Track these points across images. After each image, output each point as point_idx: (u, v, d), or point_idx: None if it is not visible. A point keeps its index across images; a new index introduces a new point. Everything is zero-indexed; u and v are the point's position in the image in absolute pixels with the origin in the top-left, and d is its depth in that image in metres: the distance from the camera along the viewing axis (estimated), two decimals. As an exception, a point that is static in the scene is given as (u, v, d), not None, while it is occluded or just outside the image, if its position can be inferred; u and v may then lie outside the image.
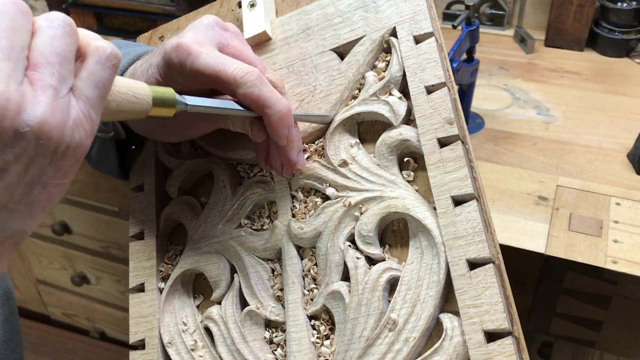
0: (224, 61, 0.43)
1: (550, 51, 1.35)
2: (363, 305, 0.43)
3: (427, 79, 0.46)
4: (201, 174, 0.56)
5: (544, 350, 0.96)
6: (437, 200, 0.43)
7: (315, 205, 0.49)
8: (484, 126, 1.10)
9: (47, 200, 0.32)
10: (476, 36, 1.02)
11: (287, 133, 0.45)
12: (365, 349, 0.42)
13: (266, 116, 0.44)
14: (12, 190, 0.30)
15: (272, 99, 0.44)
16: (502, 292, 0.40)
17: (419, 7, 0.48)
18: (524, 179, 0.95)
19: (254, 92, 0.43)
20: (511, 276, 0.43)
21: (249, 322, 0.48)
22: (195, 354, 0.49)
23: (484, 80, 1.24)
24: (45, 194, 0.32)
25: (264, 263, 0.50)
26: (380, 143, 0.47)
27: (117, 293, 1.43)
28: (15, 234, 0.31)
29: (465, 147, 0.44)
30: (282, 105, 0.44)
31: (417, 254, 0.43)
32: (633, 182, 0.93)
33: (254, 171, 0.53)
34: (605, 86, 1.20)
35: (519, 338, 0.39)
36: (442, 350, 0.40)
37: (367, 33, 0.50)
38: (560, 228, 0.85)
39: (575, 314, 0.89)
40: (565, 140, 1.05)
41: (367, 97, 0.49)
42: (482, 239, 0.41)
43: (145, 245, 0.54)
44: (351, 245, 0.46)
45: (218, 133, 0.54)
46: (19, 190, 0.30)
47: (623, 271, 0.78)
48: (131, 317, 0.52)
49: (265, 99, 0.44)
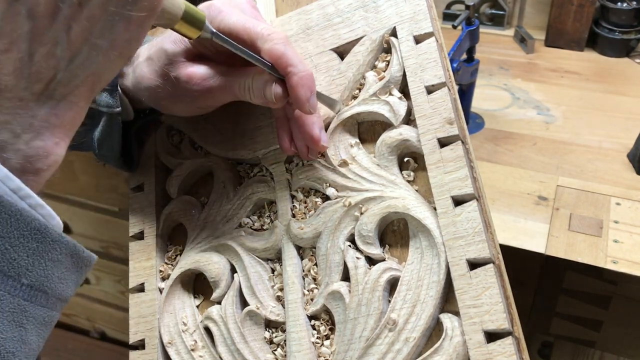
0: (253, 20, 0.45)
1: (550, 51, 1.35)
2: (363, 305, 0.43)
3: (427, 79, 0.46)
4: (201, 174, 0.56)
5: (544, 350, 0.96)
6: (437, 200, 0.43)
7: (315, 205, 0.49)
8: (484, 126, 1.10)
9: (127, 42, 0.32)
10: (476, 36, 1.02)
11: (309, 96, 0.44)
12: (366, 349, 0.42)
13: (289, 75, 0.44)
14: (95, 21, 0.30)
15: (296, 58, 0.44)
16: (502, 292, 0.40)
17: (419, 7, 0.48)
18: (524, 179, 0.95)
19: (279, 49, 0.43)
20: (511, 276, 0.43)
21: (249, 322, 0.48)
22: (195, 354, 0.49)
23: (484, 80, 1.25)
24: (127, 34, 0.32)
25: (264, 263, 0.50)
26: (380, 143, 0.47)
27: (117, 293, 1.43)
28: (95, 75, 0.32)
29: (466, 147, 0.44)
30: (305, 66, 0.44)
31: (417, 254, 0.43)
32: (633, 182, 0.93)
33: (253, 171, 0.53)
34: (605, 86, 1.20)
35: (519, 338, 0.39)
36: (442, 350, 0.40)
37: (367, 33, 0.50)
38: (560, 228, 0.85)
39: (575, 314, 0.89)
40: (565, 140, 1.05)
41: (367, 97, 0.49)
42: (482, 239, 0.41)
43: (145, 245, 0.54)
44: (351, 245, 0.46)
45: (218, 133, 0.54)
46: (102, 23, 0.31)
47: (623, 271, 0.78)
48: (131, 317, 0.52)
49: (289, 57, 0.44)
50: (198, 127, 0.55)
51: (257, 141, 0.52)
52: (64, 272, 0.32)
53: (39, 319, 0.31)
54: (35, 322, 0.30)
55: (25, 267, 0.29)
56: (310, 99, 0.44)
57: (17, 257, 0.29)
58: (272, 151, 0.51)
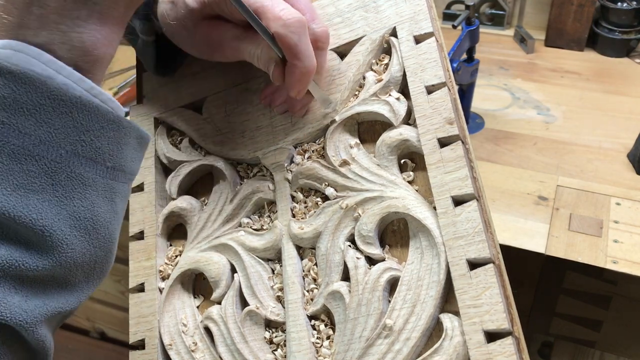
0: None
1: (550, 51, 1.35)
2: (363, 305, 0.43)
3: (427, 79, 0.46)
4: (201, 174, 0.56)
5: (544, 350, 0.96)
6: (437, 200, 0.43)
7: (315, 205, 0.49)
8: (484, 126, 1.10)
9: None
10: (476, 36, 1.02)
11: (301, 89, 0.46)
12: (366, 349, 0.42)
13: (292, 66, 0.45)
14: None
15: (305, 52, 0.44)
16: (502, 292, 0.40)
17: (419, 7, 0.48)
18: (524, 179, 0.95)
19: (293, 38, 0.44)
20: (511, 276, 0.43)
21: (249, 322, 0.48)
22: (195, 354, 0.49)
23: (484, 80, 1.25)
24: None
25: (264, 263, 0.50)
26: (380, 143, 0.47)
27: (117, 293, 1.43)
28: None
29: (466, 147, 0.44)
30: (310, 63, 0.45)
31: (417, 254, 0.43)
32: (633, 182, 0.93)
33: (253, 171, 0.53)
34: (605, 86, 1.20)
35: (519, 338, 0.39)
36: (442, 350, 0.40)
37: (367, 33, 0.50)
38: (560, 228, 0.85)
39: (575, 314, 0.89)
40: (565, 140, 1.05)
41: (367, 97, 0.49)
42: (482, 239, 0.41)
43: (145, 245, 0.54)
44: (351, 245, 0.46)
45: (218, 133, 0.54)
46: None
47: (623, 271, 0.78)
48: (131, 317, 0.52)
49: (299, 50, 0.44)
50: (198, 127, 0.55)
51: (257, 141, 0.52)
52: (133, 152, 0.37)
53: (122, 193, 0.36)
54: (120, 196, 0.36)
55: (108, 153, 0.34)
56: (302, 90, 0.47)
57: (101, 146, 0.34)
58: (272, 151, 0.51)
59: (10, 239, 0.31)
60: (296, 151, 0.51)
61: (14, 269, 0.30)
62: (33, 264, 0.31)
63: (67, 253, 0.32)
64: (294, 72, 0.45)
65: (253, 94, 0.54)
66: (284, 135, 0.51)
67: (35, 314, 0.32)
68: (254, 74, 0.54)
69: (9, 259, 0.30)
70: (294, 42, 0.44)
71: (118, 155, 0.35)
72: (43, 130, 0.31)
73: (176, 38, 0.51)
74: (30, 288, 0.32)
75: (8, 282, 0.31)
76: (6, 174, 0.30)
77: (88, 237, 0.33)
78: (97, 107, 0.33)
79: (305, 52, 0.44)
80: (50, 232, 0.31)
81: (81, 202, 0.33)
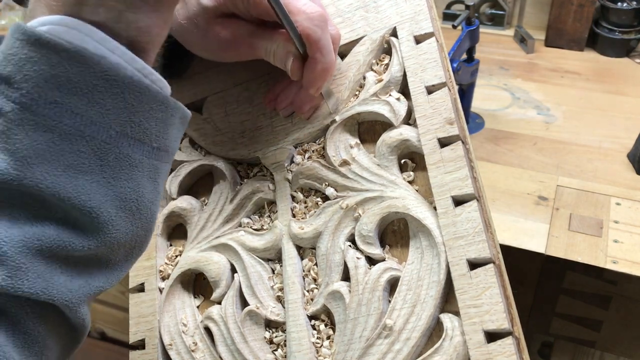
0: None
1: (550, 51, 1.35)
2: (363, 305, 0.43)
3: (428, 79, 0.46)
4: (201, 174, 0.56)
5: (544, 350, 0.96)
6: (437, 200, 0.43)
7: (315, 205, 0.49)
8: (484, 126, 1.10)
9: None
10: (476, 36, 1.02)
11: (320, 85, 0.47)
12: (366, 349, 0.42)
13: (313, 60, 0.45)
14: None
15: (328, 47, 0.45)
16: (502, 292, 0.40)
17: (419, 7, 0.48)
18: (524, 179, 0.95)
19: (317, 33, 0.44)
20: (511, 276, 0.43)
21: (249, 322, 0.48)
22: (195, 354, 0.49)
23: (484, 80, 1.25)
24: None
25: (264, 263, 0.50)
26: (380, 143, 0.47)
27: (117, 293, 1.43)
28: None
29: (466, 147, 0.44)
30: (332, 58, 0.45)
31: (417, 254, 0.43)
32: (633, 182, 0.93)
33: (253, 171, 0.53)
34: (605, 86, 1.20)
35: (519, 338, 0.39)
36: (442, 350, 0.40)
37: (368, 33, 0.50)
38: (560, 228, 0.85)
39: (575, 314, 0.89)
40: (565, 140, 1.05)
41: (368, 97, 0.49)
42: (482, 239, 0.41)
43: (145, 245, 0.54)
44: (351, 245, 0.46)
45: (218, 133, 0.54)
46: None
47: (623, 271, 0.78)
48: (131, 317, 0.52)
49: (323, 45, 0.44)
50: (198, 127, 0.55)
51: (257, 141, 0.52)
52: (175, 132, 0.37)
53: (164, 173, 0.37)
54: (162, 176, 0.36)
55: (155, 134, 0.34)
56: (320, 87, 0.47)
57: (149, 127, 0.34)
58: (272, 151, 0.51)
59: (59, 219, 0.31)
60: (296, 151, 0.51)
61: (62, 250, 0.31)
62: (80, 244, 0.31)
63: (112, 234, 0.32)
64: (315, 68, 0.45)
65: (253, 94, 0.54)
66: (284, 135, 0.51)
67: (80, 293, 0.32)
68: (254, 75, 0.54)
69: (57, 239, 0.31)
70: (318, 36, 0.44)
71: (164, 136, 0.35)
72: (95, 111, 0.31)
73: (186, 38, 0.50)
74: (75, 268, 0.32)
75: (55, 262, 0.31)
76: (57, 154, 0.30)
77: (132, 218, 0.34)
78: (147, 88, 0.33)
79: (328, 47, 0.45)
80: (98, 214, 0.31)
81: (128, 183, 0.33)
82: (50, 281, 0.30)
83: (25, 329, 0.30)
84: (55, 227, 0.31)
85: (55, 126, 0.30)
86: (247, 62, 0.51)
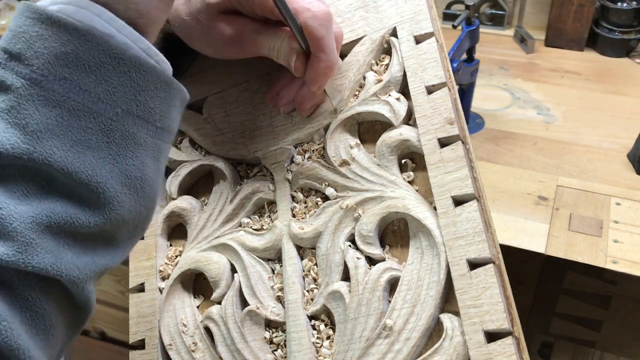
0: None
1: (550, 51, 1.35)
2: (363, 305, 0.43)
3: (428, 79, 0.46)
4: (201, 174, 0.56)
5: (544, 350, 0.96)
6: (437, 200, 0.43)
7: (315, 205, 0.49)
8: (484, 126, 1.10)
9: None
10: (476, 36, 1.02)
11: (322, 83, 0.47)
12: (366, 349, 0.42)
13: (317, 58, 0.45)
14: None
15: (331, 45, 0.45)
16: (502, 292, 0.40)
17: (419, 7, 0.48)
18: (524, 179, 0.95)
19: (320, 31, 0.44)
20: (511, 276, 0.43)
21: (249, 322, 0.48)
22: (195, 354, 0.49)
23: (484, 80, 1.25)
24: None
25: (264, 263, 0.50)
26: (380, 143, 0.47)
27: (117, 293, 1.43)
28: None
29: (466, 147, 0.44)
30: (335, 57, 0.46)
31: (417, 254, 0.43)
32: (633, 182, 0.93)
33: (253, 171, 0.53)
34: (605, 86, 1.20)
35: (519, 338, 0.39)
36: (442, 350, 0.40)
37: (368, 33, 0.50)
38: (560, 228, 0.85)
39: (575, 314, 0.89)
40: (565, 140, 1.05)
41: (368, 97, 0.49)
42: (482, 239, 0.41)
43: (145, 245, 0.54)
44: (351, 245, 0.46)
45: (218, 133, 0.54)
46: None
47: (623, 271, 0.78)
48: (131, 317, 0.52)
49: (326, 43, 0.45)
50: (198, 127, 0.55)
51: (257, 141, 0.52)
52: (176, 114, 0.37)
53: (165, 153, 0.37)
54: (164, 155, 0.37)
55: (159, 114, 0.35)
56: (322, 85, 0.47)
57: (154, 106, 0.35)
58: (272, 151, 0.51)
59: (65, 194, 0.32)
60: (296, 151, 0.51)
61: (69, 226, 0.31)
62: (86, 220, 0.32)
63: (117, 210, 0.33)
64: (318, 66, 0.45)
65: (253, 94, 0.54)
66: (284, 135, 0.51)
67: (86, 270, 0.33)
68: (254, 75, 0.54)
69: (64, 215, 0.31)
70: (322, 35, 0.44)
71: (167, 116, 0.36)
72: (102, 88, 0.32)
73: (188, 35, 0.50)
74: (82, 245, 0.33)
75: (63, 239, 0.31)
76: (66, 129, 0.31)
77: (136, 195, 0.34)
78: (153, 68, 0.34)
79: (331, 45, 0.45)
80: (104, 189, 0.32)
81: (132, 160, 0.34)
82: (59, 257, 0.31)
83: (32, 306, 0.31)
84: (63, 203, 0.31)
85: (64, 102, 0.31)
86: (247, 62, 0.51)
